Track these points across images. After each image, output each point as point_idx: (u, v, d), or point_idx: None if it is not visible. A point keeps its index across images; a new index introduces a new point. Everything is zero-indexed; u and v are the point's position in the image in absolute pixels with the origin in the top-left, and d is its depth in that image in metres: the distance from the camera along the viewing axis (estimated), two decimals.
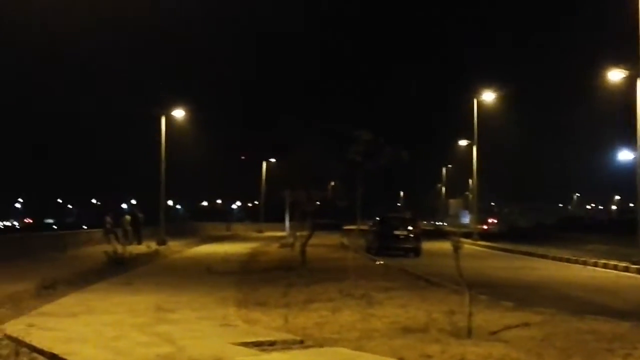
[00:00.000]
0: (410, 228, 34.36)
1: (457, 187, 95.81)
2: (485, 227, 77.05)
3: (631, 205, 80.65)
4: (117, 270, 21.33)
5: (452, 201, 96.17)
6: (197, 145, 77.86)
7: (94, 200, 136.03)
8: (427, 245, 35.18)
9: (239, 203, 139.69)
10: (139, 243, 36.93)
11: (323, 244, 37.55)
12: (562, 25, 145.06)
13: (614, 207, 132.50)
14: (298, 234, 32.80)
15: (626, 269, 25.74)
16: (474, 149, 53.58)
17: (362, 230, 36.77)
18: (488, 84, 52.50)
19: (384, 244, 33.61)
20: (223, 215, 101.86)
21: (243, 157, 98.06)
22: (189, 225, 65.99)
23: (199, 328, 10.94)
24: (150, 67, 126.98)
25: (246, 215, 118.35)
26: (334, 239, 42.17)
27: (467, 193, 76.40)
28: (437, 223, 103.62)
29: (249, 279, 19.51)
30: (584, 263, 28.87)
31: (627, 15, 27.82)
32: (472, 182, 59.54)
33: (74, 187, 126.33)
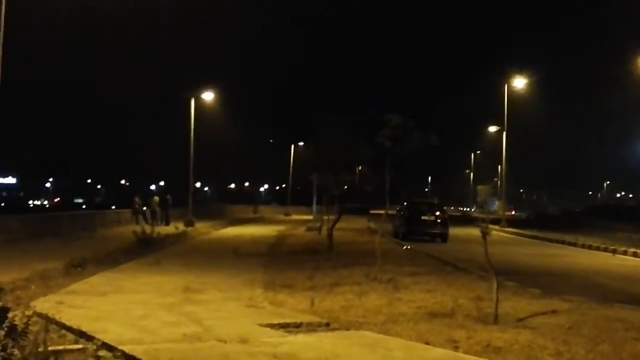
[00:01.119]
0: (437, 213, 34.24)
1: (485, 174, 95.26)
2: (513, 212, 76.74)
3: None
4: (145, 251, 21.47)
5: (480, 187, 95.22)
6: (226, 128, 78.14)
7: (123, 182, 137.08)
8: (454, 231, 35.06)
9: (266, 186, 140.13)
10: (167, 224, 37.20)
11: (350, 227, 37.58)
12: (594, 12, 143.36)
13: None
14: (325, 217, 32.87)
15: None
16: (504, 135, 53.17)
17: (389, 215, 36.77)
18: (519, 70, 52.05)
19: (411, 229, 33.56)
20: (250, 197, 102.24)
21: (271, 141, 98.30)
22: (217, 207, 66.27)
23: (225, 309, 10.99)
24: (182, 50, 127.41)
25: (273, 198, 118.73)
26: (361, 223, 42.13)
27: (495, 179, 75.87)
28: (464, 209, 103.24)
29: (276, 262, 19.57)
30: (613, 251, 28.63)
31: None
32: (501, 168, 59.13)
33: (104, 168, 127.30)
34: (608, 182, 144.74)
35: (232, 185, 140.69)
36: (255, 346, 8.15)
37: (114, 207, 53.73)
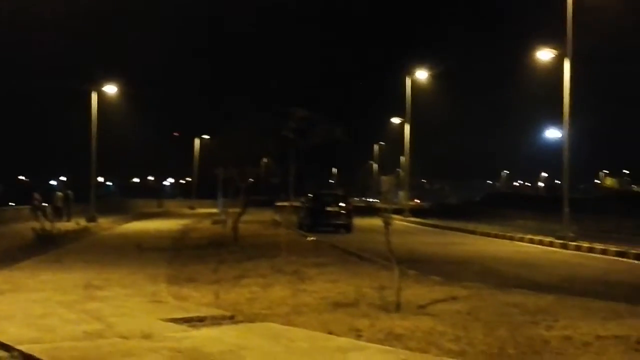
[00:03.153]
0: (342, 204, 34.62)
1: (389, 165, 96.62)
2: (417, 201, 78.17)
3: (557, 182, 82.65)
4: (45, 248, 20.95)
5: (384, 178, 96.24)
6: (130, 122, 76.77)
7: (22, 177, 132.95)
8: (359, 222, 35.48)
9: (171, 180, 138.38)
10: (68, 220, 36.36)
11: (256, 220, 37.50)
12: (494, 6, 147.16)
13: (541, 184, 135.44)
14: (230, 210, 32.74)
15: (551, 244, 26.49)
16: (406, 126, 54.10)
17: (294, 206, 36.91)
18: (421, 63, 53.03)
19: (316, 220, 33.82)
20: (155, 192, 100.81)
21: (176, 134, 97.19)
22: (120, 202, 65.16)
23: (128, 305, 10.86)
24: (84, 43, 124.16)
25: (179, 192, 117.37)
26: (266, 215, 42.13)
27: (398, 170, 77.08)
28: (369, 200, 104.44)
29: (180, 256, 19.41)
30: (511, 238, 29.57)
31: None
32: (404, 159, 60.13)
33: (1, 163, 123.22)
34: (507, 172, 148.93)
35: (137, 180, 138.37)
36: (159, 341, 8.09)
37: (12, 203, 52.13)
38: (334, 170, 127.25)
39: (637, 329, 9.17)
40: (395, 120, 61.82)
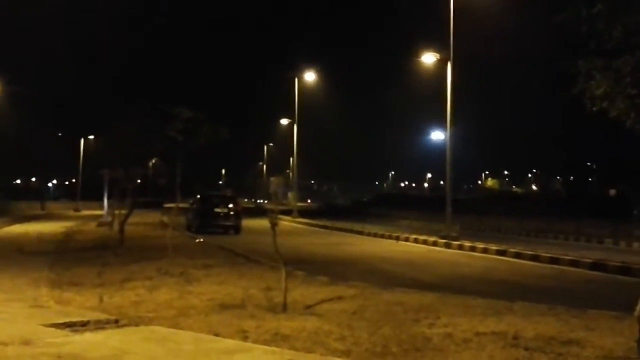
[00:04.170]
0: (230, 206, 34.54)
1: (278, 166, 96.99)
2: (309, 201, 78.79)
3: (442, 183, 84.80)
4: None
5: (272, 179, 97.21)
6: (10, 121, 74.14)
7: None
8: (248, 223, 35.44)
9: (55, 181, 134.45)
10: None
11: (143, 222, 36.98)
12: (380, 11, 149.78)
13: (426, 185, 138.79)
14: (117, 212, 32.12)
15: (435, 244, 27.19)
16: (295, 127, 54.40)
17: (182, 208, 36.52)
18: (309, 65, 53.52)
19: (205, 221, 33.61)
20: (38, 193, 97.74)
21: (60, 134, 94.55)
22: (0, 204, 62.81)
23: (7, 310, 10.51)
24: None
25: (63, 193, 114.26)
26: (154, 217, 41.60)
27: (287, 171, 77.42)
28: (258, 201, 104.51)
29: (64, 259, 18.90)
30: (397, 238, 30.20)
31: (441, 3, 29.19)
32: (293, 160, 60.46)
33: None
34: (393, 173, 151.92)
35: (18, 181, 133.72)
36: (39, 347, 7.87)
37: None
38: (223, 171, 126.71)
39: (514, 325, 9.54)
40: (284, 121, 62.05)
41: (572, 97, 7.93)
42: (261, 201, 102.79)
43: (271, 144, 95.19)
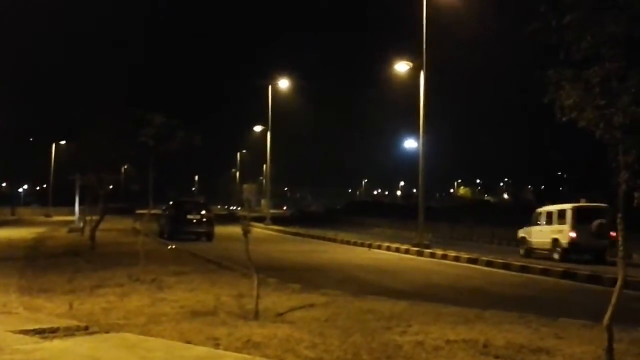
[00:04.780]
0: (203, 212, 34.45)
1: (252, 173, 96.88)
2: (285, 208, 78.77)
3: (414, 190, 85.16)
4: None
5: (245, 186, 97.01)
6: None
7: None
8: (220, 230, 35.34)
9: (26, 186, 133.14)
10: None
11: (115, 228, 36.76)
12: (354, 21, 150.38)
13: (399, 193, 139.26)
14: (88, 218, 31.90)
15: (407, 251, 27.29)
16: (268, 134, 54.38)
17: (154, 214, 36.35)
18: (283, 72, 53.62)
19: (177, 228, 33.50)
20: (8, 198, 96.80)
21: (31, 139, 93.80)
22: None
23: None
24: None
25: (34, 199, 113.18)
26: (126, 223, 41.30)
27: (261, 178, 77.30)
28: (231, 208, 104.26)
29: (34, 265, 18.72)
30: (369, 246, 30.26)
31: (413, 13, 29.37)
32: (266, 167, 60.42)
33: None
34: (366, 180, 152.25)
35: None
36: (7, 354, 7.79)
37: None
38: (196, 178, 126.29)
39: (485, 333, 9.60)
40: (258, 128, 61.98)
41: (543, 106, 8.02)
42: (234, 208, 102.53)
43: (244, 151, 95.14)
